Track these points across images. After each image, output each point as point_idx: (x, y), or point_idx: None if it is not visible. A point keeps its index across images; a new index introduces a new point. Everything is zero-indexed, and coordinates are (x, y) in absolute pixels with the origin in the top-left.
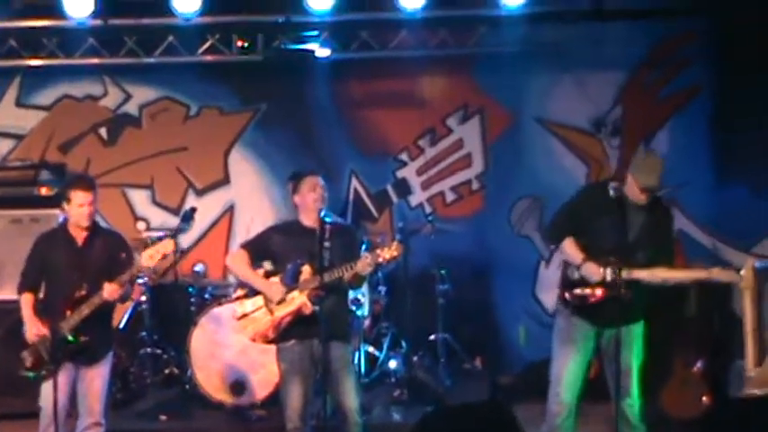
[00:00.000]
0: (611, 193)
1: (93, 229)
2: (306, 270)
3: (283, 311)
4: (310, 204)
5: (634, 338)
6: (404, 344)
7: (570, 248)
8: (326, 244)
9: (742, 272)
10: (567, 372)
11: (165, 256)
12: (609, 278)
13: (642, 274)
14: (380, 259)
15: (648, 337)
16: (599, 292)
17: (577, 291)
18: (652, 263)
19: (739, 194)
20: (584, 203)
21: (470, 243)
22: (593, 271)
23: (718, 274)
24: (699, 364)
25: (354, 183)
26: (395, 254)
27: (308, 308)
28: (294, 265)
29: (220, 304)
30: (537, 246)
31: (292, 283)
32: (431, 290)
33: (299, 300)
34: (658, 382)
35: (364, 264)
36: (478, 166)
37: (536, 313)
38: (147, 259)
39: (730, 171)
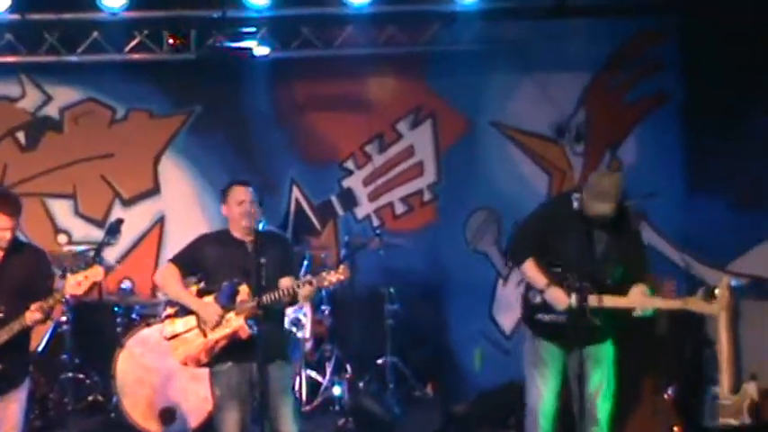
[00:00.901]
0: (575, 205)
1: (12, 245)
2: (243, 290)
3: (218, 334)
4: (236, 218)
5: (604, 358)
6: (349, 368)
7: (532, 271)
8: (262, 260)
9: (716, 291)
10: (545, 401)
11: (93, 285)
12: (575, 305)
13: (611, 302)
14: (325, 283)
15: (616, 361)
16: (564, 319)
17: (540, 317)
18: (623, 281)
19: (713, 206)
20: (546, 219)
21: (422, 259)
22: (559, 298)
23: (694, 305)
24: (669, 391)
25: (296, 193)
26: (341, 277)
27: (246, 332)
28: (230, 284)
29: (149, 325)
30: (494, 262)
31: (228, 303)
32: (379, 310)
33: (235, 322)
34: (626, 410)
35: (308, 291)
36: (431, 176)
37: (493, 335)
38: (74, 287)
39: (703, 181)
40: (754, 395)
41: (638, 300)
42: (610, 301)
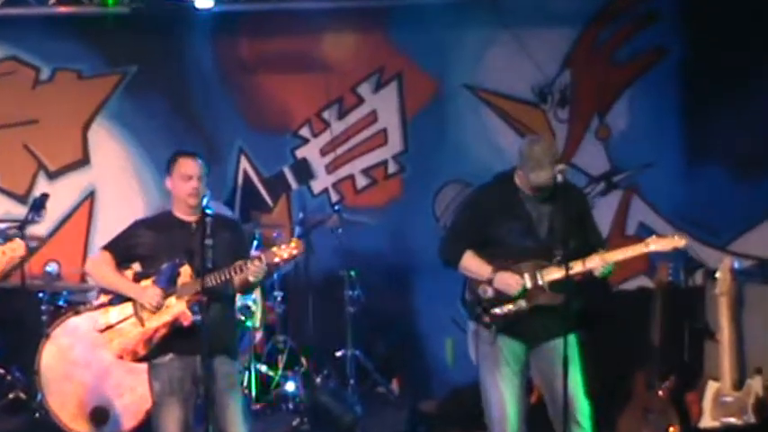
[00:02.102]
0: (558, 177)
1: None
2: (185, 271)
3: (157, 322)
4: (182, 196)
5: (572, 351)
6: (304, 362)
7: (473, 264)
8: (209, 241)
9: (717, 274)
10: (508, 409)
11: (12, 261)
12: (530, 285)
13: (564, 271)
14: (276, 259)
15: (602, 353)
16: (523, 304)
17: (497, 311)
18: (577, 255)
19: (714, 178)
20: (482, 207)
21: (386, 238)
22: (510, 282)
23: (656, 243)
24: (664, 386)
25: (244, 164)
26: (294, 252)
27: (187, 318)
28: (171, 265)
29: (78, 313)
30: None
31: (168, 286)
32: (338, 296)
33: (176, 308)
34: (614, 409)
35: (256, 267)
36: (396, 145)
37: (466, 323)
38: None
39: (704, 150)
40: (759, 391)
41: (597, 258)
42: (563, 270)
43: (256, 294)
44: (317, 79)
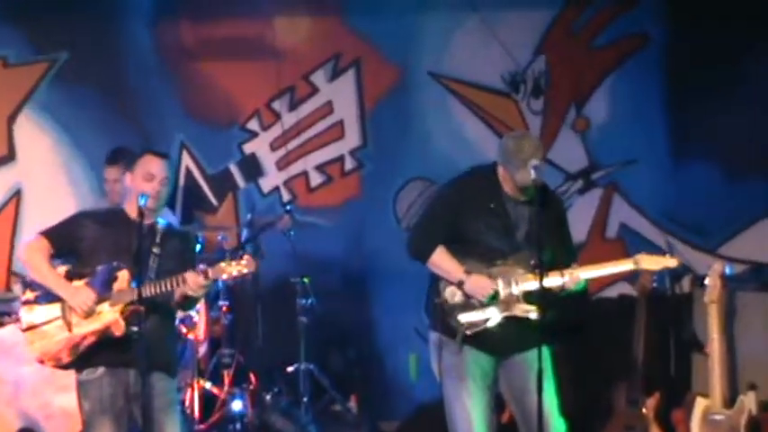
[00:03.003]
0: (533, 174)
1: None
2: (122, 276)
3: (85, 329)
4: (135, 197)
5: (546, 364)
6: (252, 378)
7: (444, 261)
8: (156, 250)
9: (706, 280)
10: (475, 428)
11: None
12: (503, 292)
13: (548, 280)
14: (224, 276)
15: (580, 366)
16: (495, 312)
17: (464, 318)
18: (552, 267)
19: (702, 175)
20: (460, 197)
21: (343, 241)
22: (482, 286)
23: (647, 261)
24: (648, 403)
25: (186, 160)
26: (244, 271)
27: (120, 329)
28: (108, 267)
29: (2, 325)
30: None
31: (103, 290)
32: (289, 305)
33: (108, 316)
34: (593, 427)
35: (199, 282)
36: (354, 139)
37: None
38: None
39: (690, 145)
40: (752, 409)
41: (579, 270)
42: (547, 278)
43: (200, 304)
44: (266, 67)
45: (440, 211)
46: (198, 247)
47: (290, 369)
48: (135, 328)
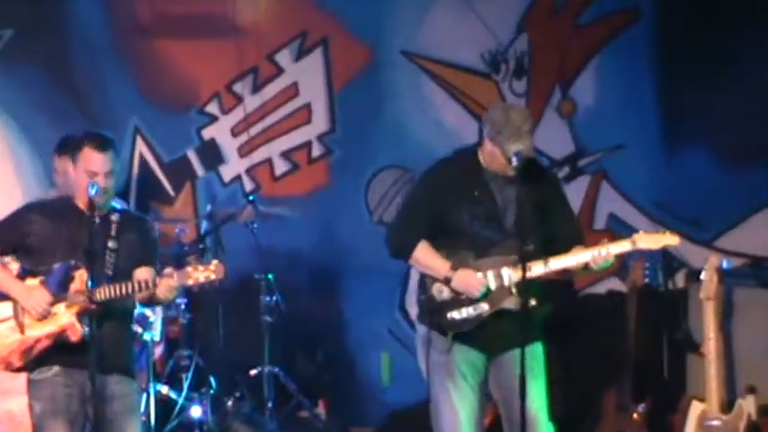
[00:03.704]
0: (515, 161)
1: None
2: (79, 276)
3: (39, 332)
4: (82, 191)
5: (537, 364)
6: (213, 382)
7: (428, 257)
8: (112, 244)
9: (702, 275)
10: (464, 426)
11: None
12: (494, 286)
13: (540, 268)
14: (190, 281)
15: (566, 368)
16: (486, 307)
17: (454, 315)
18: (548, 252)
19: (697, 163)
20: (439, 185)
21: (310, 234)
22: (471, 282)
23: (645, 239)
24: (640, 408)
25: (140, 146)
26: (212, 277)
27: (77, 333)
28: (65, 266)
29: None
30: None
31: (59, 291)
32: (253, 303)
33: (64, 318)
34: None
35: (167, 287)
36: (322, 123)
37: (406, 336)
38: None
39: (684, 130)
40: (752, 414)
41: (572, 255)
42: (538, 267)
43: None
44: (227, 45)
45: (420, 203)
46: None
47: (253, 372)
48: (86, 329)
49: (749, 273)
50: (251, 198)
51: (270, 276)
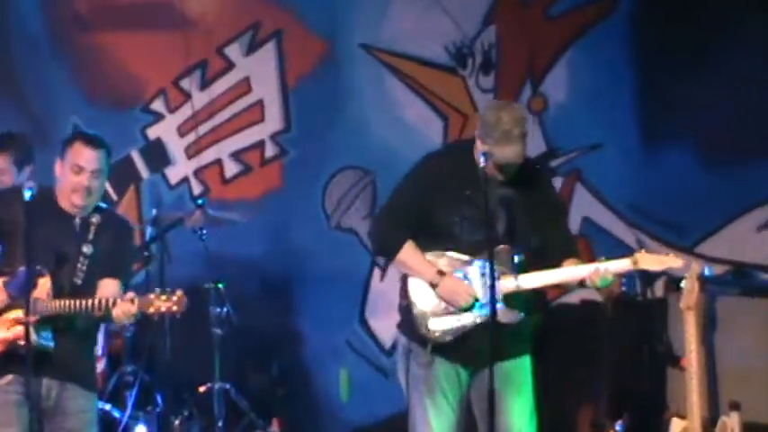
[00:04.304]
0: (482, 161)
1: None
2: (43, 284)
3: None
4: (66, 189)
5: (524, 378)
6: (159, 399)
7: (414, 260)
8: (86, 249)
9: (683, 284)
10: None
11: None
12: (483, 296)
13: (543, 279)
14: (151, 310)
15: (538, 383)
16: (471, 318)
17: (437, 326)
18: (540, 260)
19: (677, 164)
20: (431, 180)
21: (263, 240)
22: (458, 291)
23: (647, 261)
24: (617, 426)
25: None
26: (174, 309)
27: (30, 342)
28: (29, 271)
29: None
30: (367, 244)
31: (20, 295)
32: (201, 314)
33: (19, 327)
34: None
35: (124, 311)
36: (275, 121)
37: (366, 349)
38: None
39: (663, 128)
40: (735, 431)
41: (575, 267)
42: (540, 277)
43: None
44: (173, 39)
45: (408, 198)
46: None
47: (202, 389)
48: (47, 343)
49: (733, 280)
50: (199, 202)
51: (220, 286)
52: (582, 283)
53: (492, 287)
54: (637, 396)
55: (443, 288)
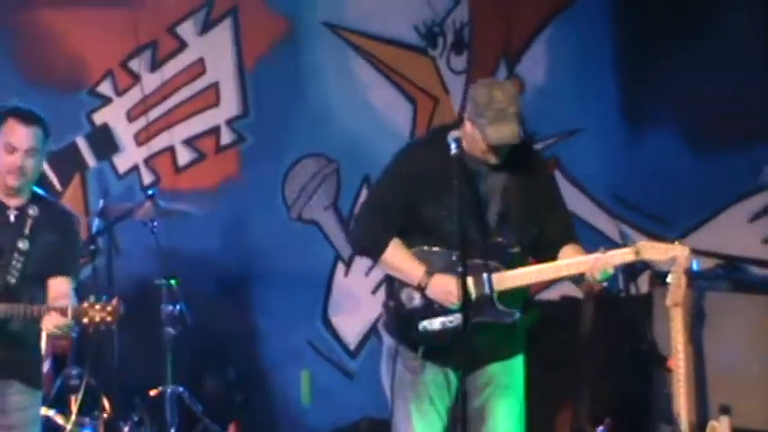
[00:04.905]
0: (453, 149)
1: None
2: None
3: None
4: (1, 170)
5: (514, 380)
6: (107, 404)
7: (401, 260)
8: (22, 244)
9: (669, 278)
10: None
11: None
12: (475, 295)
13: (540, 274)
14: (85, 320)
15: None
16: (458, 320)
17: (427, 327)
18: (536, 251)
19: (662, 150)
20: (413, 173)
21: (219, 234)
22: (449, 290)
23: (649, 250)
24: (599, 431)
25: None
26: (108, 320)
27: None
28: None
29: None
30: (330, 237)
31: None
32: (153, 313)
33: None
34: None
35: (56, 322)
36: (231, 106)
37: (329, 350)
38: None
39: (647, 112)
40: None
41: (574, 259)
42: (521, 275)
43: None
44: (121, 16)
45: (390, 194)
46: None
47: (153, 393)
48: None
49: (722, 275)
50: (150, 192)
51: (172, 282)
52: (580, 279)
53: (464, 284)
54: (619, 399)
55: (433, 288)
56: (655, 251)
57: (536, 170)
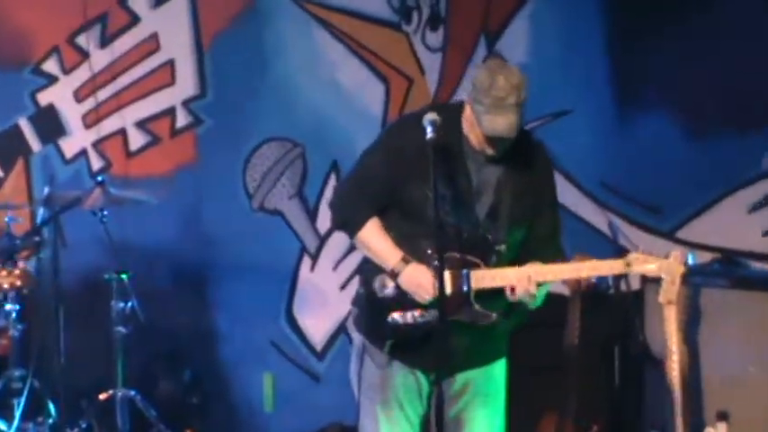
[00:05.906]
0: (429, 132)
1: None
2: None
3: None
4: None
5: (494, 387)
6: (52, 409)
7: (377, 241)
8: None
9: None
10: None
11: None
12: (450, 291)
13: (503, 276)
14: None
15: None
16: (434, 317)
17: (397, 319)
18: (525, 249)
19: (655, 134)
20: (405, 149)
21: (175, 224)
22: (422, 283)
23: (641, 263)
24: None
25: None
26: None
27: None
28: None
29: None
30: (295, 227)
31: None
32: (102, 310)
33: None
34: None
35: None
36: (188, 85)
37: (294, 350)
38: None
39: (639, 93)
40: None
41: (558, 268)
42: (507, 274)
43: None
44: None
45: (376, 168)
46: None
47: (103, 396)
48: None
49: (720, 270)
50: (99, 179)
51: (124, 276)
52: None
53: (440, 282)
54: (608, 404)
55: (406, 277)
56: (650, 264)
57: (536, 168)
